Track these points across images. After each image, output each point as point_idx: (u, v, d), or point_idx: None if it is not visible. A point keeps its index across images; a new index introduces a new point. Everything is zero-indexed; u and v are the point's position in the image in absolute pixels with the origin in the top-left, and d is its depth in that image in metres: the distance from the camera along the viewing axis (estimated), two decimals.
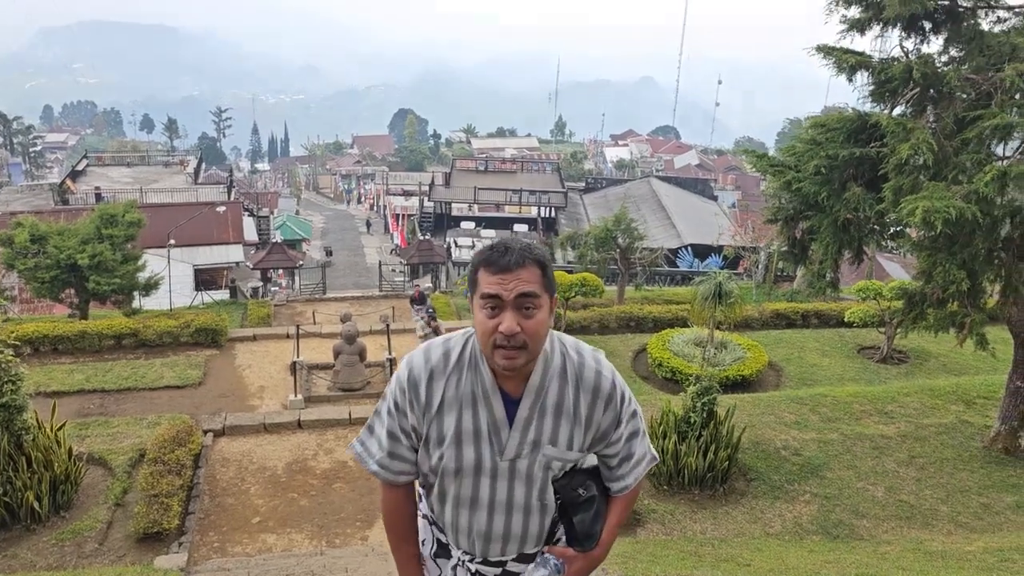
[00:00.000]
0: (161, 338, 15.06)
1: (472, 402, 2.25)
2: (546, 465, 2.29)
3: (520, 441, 2.26)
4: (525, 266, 2.11)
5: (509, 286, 2.08)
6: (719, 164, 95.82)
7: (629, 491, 2.47)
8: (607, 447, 2.38)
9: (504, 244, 2.17)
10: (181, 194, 39.40)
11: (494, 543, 2.37)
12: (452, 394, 2.26)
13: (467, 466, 2.28)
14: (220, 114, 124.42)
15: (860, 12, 9.06)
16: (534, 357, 2.19)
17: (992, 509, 9.11)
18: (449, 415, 2.26)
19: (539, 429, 2.27)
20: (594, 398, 2.30)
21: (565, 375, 2.28)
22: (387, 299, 25.75)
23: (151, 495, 8.24)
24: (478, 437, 2.27)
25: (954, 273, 8.45)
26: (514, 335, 2.09)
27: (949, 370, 15.16)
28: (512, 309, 2.10)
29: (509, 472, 2.29)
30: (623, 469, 2.43)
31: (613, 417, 2.34)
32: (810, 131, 10.19)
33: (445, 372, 2.27)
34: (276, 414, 11.46)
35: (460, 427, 2.26)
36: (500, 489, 2.30)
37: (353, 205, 77.04)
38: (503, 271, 2.10)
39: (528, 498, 2.32)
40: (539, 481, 2.31)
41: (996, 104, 8.14)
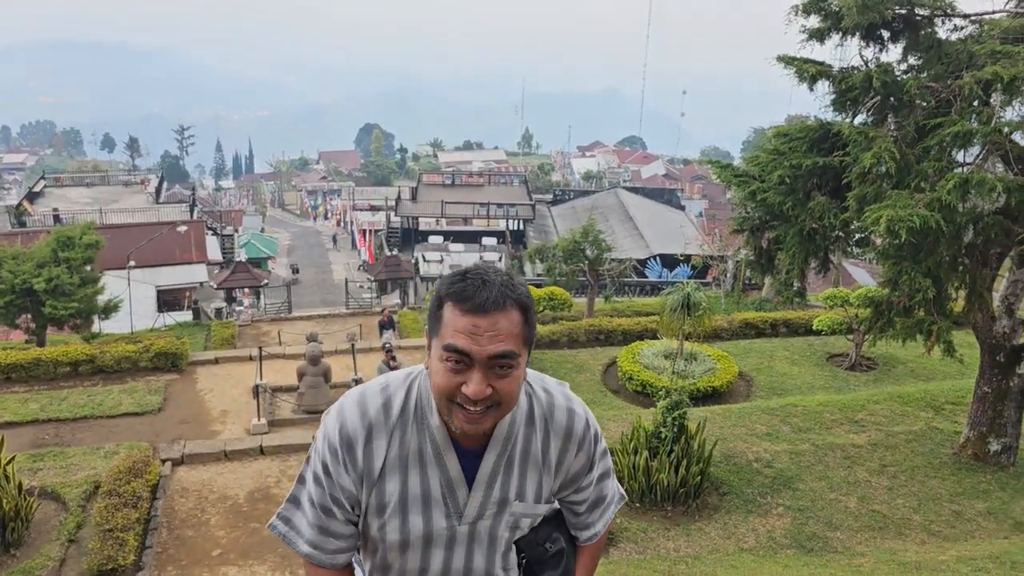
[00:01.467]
0: (119, 363, 14.67)
1: (420, 461, 1.89)
2: (513, 525, 1.98)
3: (483, 501, 1.93)
4: (504, 309, 1.73)
5: (483, 342, 1.70)
6: (686, 173, 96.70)
7: (598, 538, 2.19)
8: (575, 493, 2.09)
9: (481, 275, 1.76)
10: (142, 214, 38.75)
11: None
12: (395, 454, 1.88)
13: (414, 537, 1.92)
14: (183, 132, 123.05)
15: (819, 22, 9.05)
16: (500, 419, 1.85)
17: (964, 516, 9.08)
18: (392, 480, 1.89)
19: (506, 485, 1.94)
20: (566, 442, 1.98)
21: (533, 419, 1.95)
22: (354, 316, 25.48)
23: (106, 530, 7.93)
24: (427, 502, 1.90)
25: (919, 281, 8.42)
26: (483, 398, 1.73)
27: (917, 376, 15.23)
28: (482, 369, 1.72)
29: (468, 537, 1.95)
30: (593, 515, 2.15)
31: (585, 461, 2.04)
32: (774, 141, 10.16)
33: (387, 428, 1.88)
34: (237, 440, 11.16)
35: (406, 492, 1.89)
36: (456, 558, 1.97)
37: (319, 221, 76.55)
38: (478, 312, 1.71)
39: (490, 565, 2.00)
40: (502, 544, 2.00)
41: (956, 112, 8.15)
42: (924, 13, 8.63)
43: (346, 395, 1.97)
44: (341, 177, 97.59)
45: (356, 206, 63.69)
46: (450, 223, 49.39)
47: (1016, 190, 7.93)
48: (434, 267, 39.68)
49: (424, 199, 50.70)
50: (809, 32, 9.11)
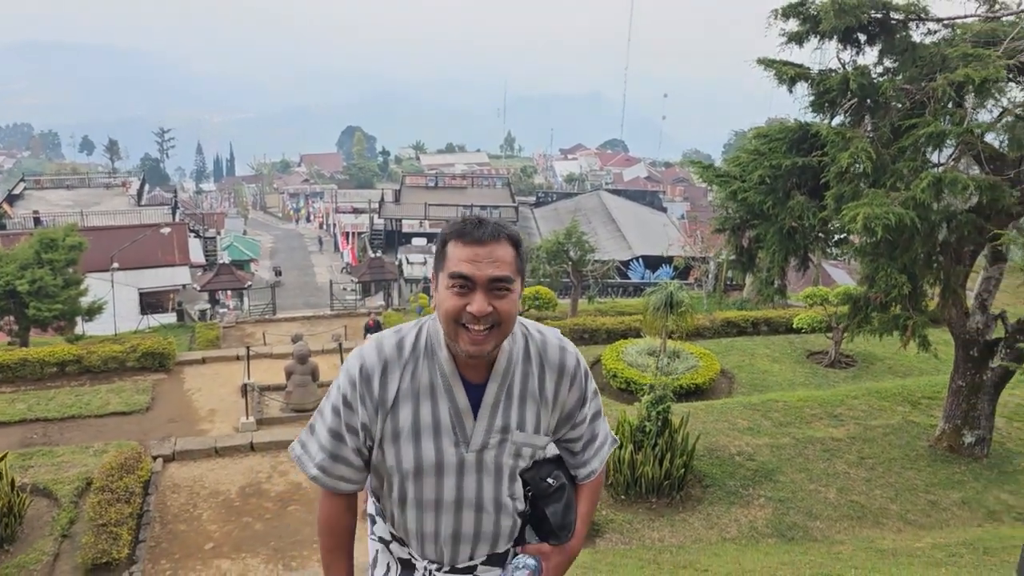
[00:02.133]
0: (106, 364, 14.70)
1: (431, 392, 2.10)
2: (515, 453, 2.17)
3: (488, 428, 2.12)
4: (499, 241, 2.00)
5: (482, 266, 1.95)
6: (667, 176, 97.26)
7: (596, 477, 2.38)
8: (572, 429, 2.28)
9: (477, 218, 2.04)
10: (124, 216, 38.59)
11: (464, 546, 2.20)
12: (407, 386, 2.09)
13: (427, 464, 2.11)
14: (163, 134, 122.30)
15: (798, 25, 9.29)
16: (502, 340, 2.06)
17: (939, 506, 9.34)
18: (404, 408, 2.10)
19: (507, 414, 2.14)
20: (560, 376, 2.20)
21: (529, 356, 2.17)
22: (339, 318, 25.54)
23: (99, 524, 8.02)
24: (438, 430, 2.10)
25: (895, 277, 8.67)
26: (486, 315, 1.96)
27: (895, 372, 15.54)
28: (483, 291, 1.96)
29: (476, 465, 2.13)
30: (588, 453, 2.34)
31: (579, 396, 2.25)
32: (754, 141, 10.40)
33: (400, 362, 2.10)
34: (228, 437, 11.26)
35: (418, 420, 2.10)
36: (467, 486, 2.14)
37: (302, 224, 76.28)
38: (476, 243, 1.97)
39: (498, 492, 2.17)
40: (507, 471, 2.18)
41: (929, 113, 8.41)
42: (899, 17, 8.90)
43: (364, 344, 2.19)
44: (323, 180, 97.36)
45: (339, 208, 63.59)
46: (433, 225, 49.46)
47: (988, 189, 8.20)
48: (417, 269, 39.73)
49: (407, 201, 50.78)
50: (788, 35, 9.35)
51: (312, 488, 9.80)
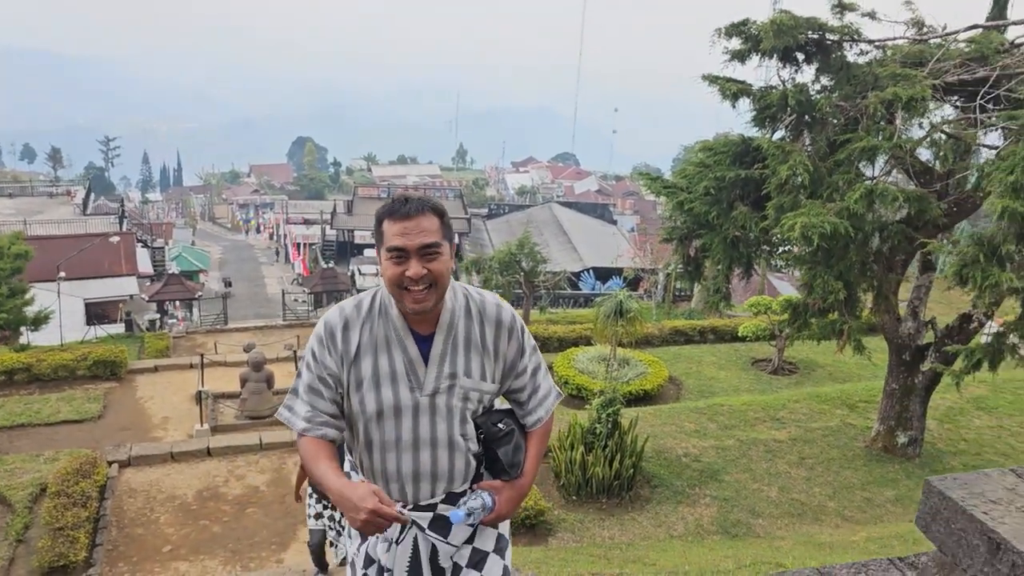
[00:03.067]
0: (56, 372, 14.50)
1: (386, 345, 2.39)
2: (464, 396, 2.44)
3: (437, 375, 2.40)
4: (424, 214, 2.28)
5: (412, 237, 2.26)
6: (618, 189, 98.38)
7: (542, 424, 2.63)
8: (516, 379, 2.56)
9: (403, 196, 2.35)
10: (69, 225, 37.82)
11: (423, 483, 2.45)
12: (367, 339, 2.39)
13: (387, 407, 2.39)
14: (108, 143, 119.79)
15: (740, 44, 9.73)
16: (441, 297, 2.36)
17: (874, 503, 9.80)
18: (366, 360, 2.38)
19: (453, 362, 2.42)
20: (498, 330, 2.48)
21: (470, 312, 2.46)
22: (291, 328, 25.40)
23: (56, 528, 8.02)
24: (394, 377, 2.38)
25: (832, 284, 9.14)
26: (421, 277, 2.26)
27: (834, 378, 16.13)
28: (417, 257, 2.26)
29: (430, 408, 2.41)
30: (533, 402, 2.60)
31: (517, 347, 2.53)
32: (700, 154, 10.82)
33: (359, 320, 2.41)
34: (184, 442, 11.26)
35: (377, 370, 2.38)
36: (423, 426, 2.41)
37: (252, 235, 75.42)
38: (404, 218, 2.26)
39: (451, 432, 2.43)
40: (458, 413, 2.44)
41: (863, 128, 8.91)
42: (834, 38, 9.39)
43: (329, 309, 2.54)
44: (273, 191, 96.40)
45: (289, 219, 63.08)
46: None
47: (916, 200, 8.71)
48: (370, 280, 39.68)
49: (360, 212, 50.60)
50: (732, 53, 9.78)
51: (269, 491, 9.89)
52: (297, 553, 8.51)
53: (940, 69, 8.83)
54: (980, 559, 2.30)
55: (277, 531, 8.90)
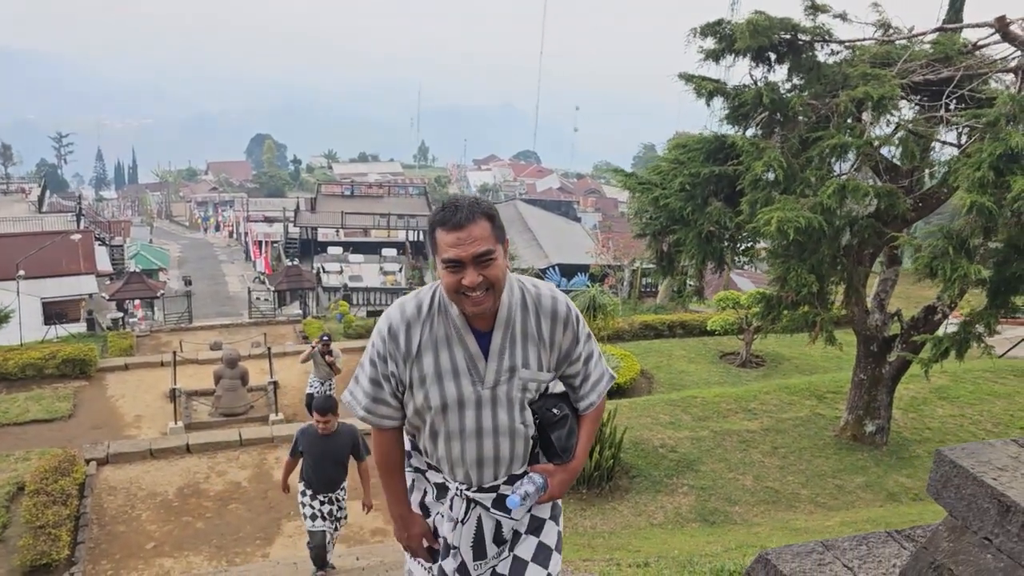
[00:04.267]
0: (24, 371, 14.27)
1: (447, 342, 2.50)
2: (523, 387, 2.55)
3: (498, 368, 2.51)
4: (476, 221, 2.33)
5: (465, 247, 2.31)
6: (579, 187, 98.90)
7: (595, 408, 2.75)
8: (570, 366, 2.65)
9: (454, 203, 2.38)
10: (24, 223, 37.01)
11: (486, 468, 2.60)
12: (427, 338, 2.50)
13: (451, 400, 2.51)
14: (60, 139, 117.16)
15: (715, 43, 9.95)
16: (499, 298, 2.45)
17: (845, 489, 10.11)
18: (427, 357, 2.50)
19: (512, 356, 2.52)
20: (553, 322, 2.56)
21: (526, 305, 2.54)
22: (257, 326, 25.22)
23: (37, 527, 7.94)
24: (456, 373, 2.50)
25: (805, 277, 9.40)
26: (477, 284, 2.34)
27: (801, 371, 16.51)
28: (471, 266, 2.33)
29: (491, 399, 2.53)
30: (586, 388, 2.70)
31: (572, 336, 2.61)
32: (673, 151, 11.04)
33: (419, 320, 2.51)
34: (163, 439, 11.18)
35: (439, 366, 2.50)
36: (485, 416, 2.54)
37: (211, 233, 74.42)
38: (456, 228, 2.32)
39: (511, 421, 2.56)
40: (518, 403, 2.56)
41: (833, 126, 9.19)
42: (805, 38, 9.65)
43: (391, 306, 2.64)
44: (232, 188, 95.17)
45: (250, 217, 62.40)
46: (349, 234, 49.11)
47: (885, 195, 9.02)
48: (334, 278, 39.44)
49: (323, 210, 50.21)
50: (706, 52, 10.00)
51: (251, 487, 9.88)
52: (282, 547, 8.54)
53: (907, 69, 9.14)
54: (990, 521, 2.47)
55: (261, 526, 8.92)
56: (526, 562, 2.74)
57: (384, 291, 36.16)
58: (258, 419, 13.03)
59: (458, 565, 2.68)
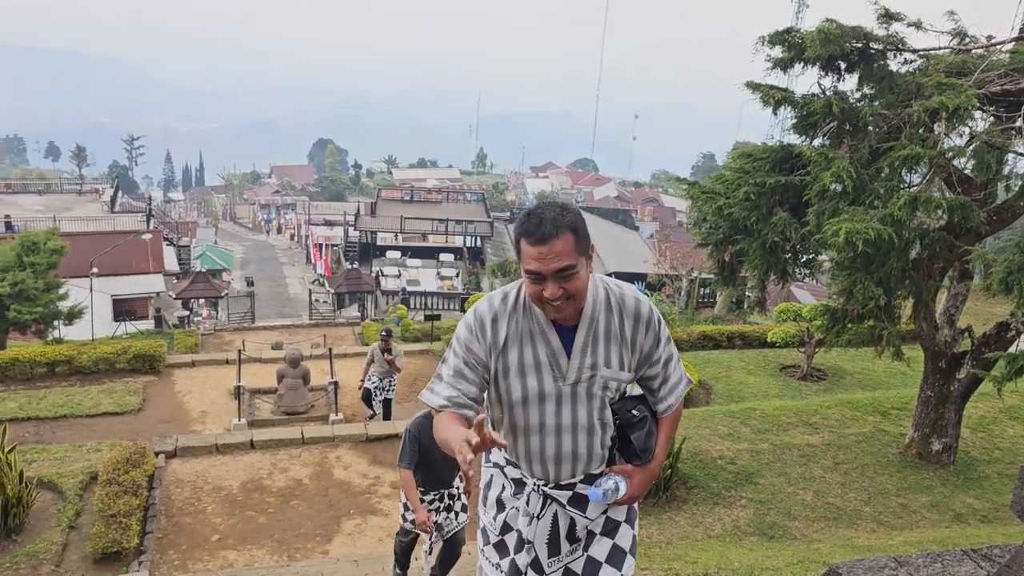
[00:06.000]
0: (97, 365, 14.80)
1: (531, 337, 2.55)
2: (603, 385, 2.59)
3: (580, 365, 2.56)
4: (559, 235, 2.35)
5: (546, 262, 2.35)
6: (637, 196, 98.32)
7: (673, 411, 2.79)
8: (650, 368, 2.69)
9: (538, 214, 2.40)
10: (97, 223, 38.35)
11: (564, 465, 2.64)
12: (513, 331, 2.56)
13: (532, 394, 2.56)
14: (132, 142, 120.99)
15: (783, 52, 9.84)
16: (579, 306, 2.50)
17: (909, 508, 9.86)
18: (512, 350, 2.56)
19: (595, 354, 2.56)
20: (636, 323, 2.61)
21: (610, 306, 2.59)
22: (317, 327, 25.68)
23: (109, 515, 8.22)
24: (539, 367, 2.55)
25: (872, 290, 9.21)
26: (557, 297, 2.40)
27: (864, 386, 16.16)
28: (552, 279, 2.38)
29: (571, 396, 2.58)
30: (664, 390, 2.74)
31: (653, 338, 2.64)
32: (738, 160, 10.93)
33: (506, 313, 2.57)
34: (228, 435, 11.47)
35: (522, 360, 2.55)
36: (565, 412, 2.58)
37: (273, 235, 76.03)
38: (541, 242, 2.35)
39: (590, 418, 2.61)
40: (598, 401, 2.60)
41: (905, 137, 8.99)
42: (878, 47, 9.48)
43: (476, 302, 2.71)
44: (294, 191, 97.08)
45: (311, 220, 63.60)
46: (407, 239, 49.72)
47: (958, 208, 8.79)
48: (392, 282, 39.99)
49: (383, 214, 50.93)
50: (774, 61, 9.89)
51: (312, 485, 10.07)
52: (341, 545, 8.67)
53: (984, 79, 8.91)
54: None
55: (321, 523, 9.08)
56: (600, 563, 2.77)
57: (441, 296, 36.50)
58: (318, 418, 13.27)
59: (531, 560, 2.72)
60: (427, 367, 16.89)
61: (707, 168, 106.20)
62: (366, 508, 9.53)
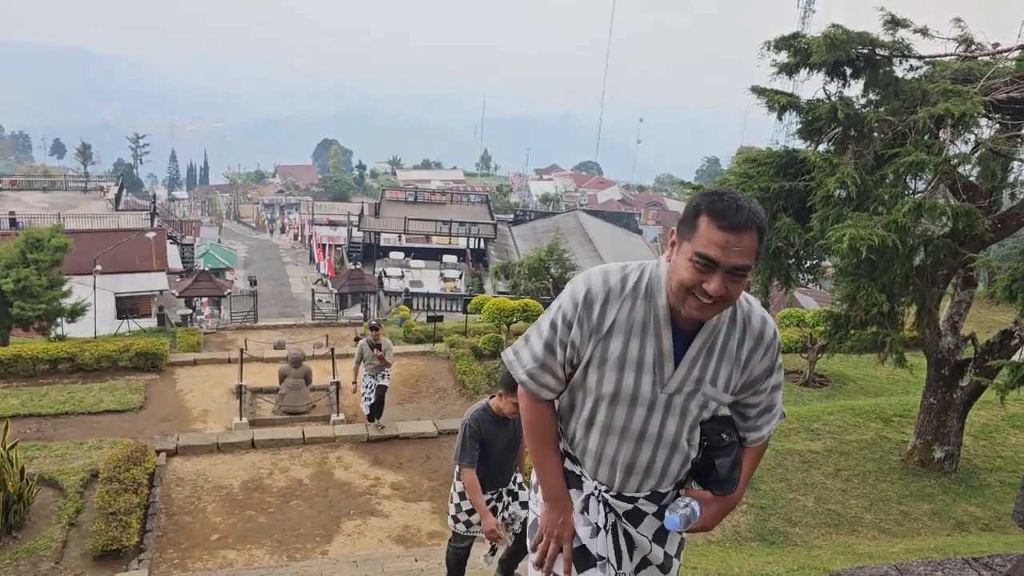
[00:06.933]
0: (99, 362, 14.82)
1: (642, 330, 2.25)
2: (703, 404, 2.33)
3: (685, 376, 2.29)
4: (751, 230, 2.07)
5: (730, 254, 2.04)
6: (641, 199, 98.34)
7: (761, 443, 2.53)
8: (754, 395, 2.42)
9: (735, 200, 2.10)
10: (102, 220, 38.44)
11: (634, 476, 2.39)
12: (623, 318, 2.26)
13: (625, 393, 2.29)
14: (137, 140, 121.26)
15: (789, 57, 9.83)
16: (724, 311, 2.23)
17: (911, 516, 9.83)
18: (616, 339, 2.26)
19: (704, 367, 2.29)
20: (757, 343, 2.33)
21: (735, 319, 2.30)
22: (319, 327, 25.70)
23: (109, 513, 8.24)
24: (641, 366, 2.27)
25: (876, 296, 9.19)
26: (719, 296, 2.09)
27: (866, 392, 16.13)
28: (724, 274, 2.06)
29: (665, 405, 2.31)
30: (761, 420, 2.49)
31: (768, 364, 2.38)
32: (742, 165, 10.90)
33: (620, 296, 2.26)
34: (229, 434, 11.49)
35: (625, 353, 2.26)
36: (653, 421, 2.32)
37: (276, 235, 76.10)
38: (732, 230, 2.04)
39: (678, 434, 2.34)
40: (692, 418, 2.34)
41: (910, 143, 8.97)
42: (884, 53, 9.46)
43: (591, 268, 2.39)
44: (298, 191, 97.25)
45: (314, 220, 63.68)
46: (411, 239, 49.74)
47: (962, 215, 8.76)
48: (395, 283, 40.00)
49: (387, 215, 50.96)
50: (780, 66, 9.88)
51: (312, 485, 10.09)
52: (341, 546, 8.68)
53: (990, 86, 8.90)
54: None
55: (321, 524, 9.09)
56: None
57: (444, 297, 36.49)
58: (320, 418, 13.28)
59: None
60: (429, 368, 16.88)
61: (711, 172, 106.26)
62: (366, 509, 9.52)
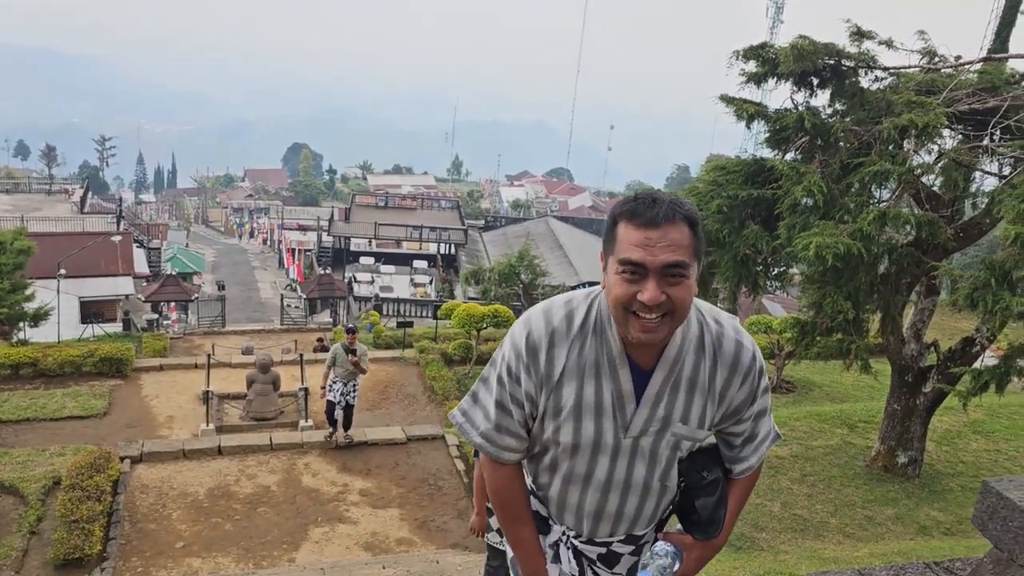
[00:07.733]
0: (62, 367, 14.57)
1: (595, 371, 1.98)
2: (674, 445, 2.06)
3: (648, 418, 2.02)
4: (675, 223, 1.82)
5: (655, 252, 1.80)
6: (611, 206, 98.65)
7: (751, 472, 2.25)
8: (735, 425, 2.13)
9: (650, 196, 1.88)
10: (67, 223, 37.80)
11: (603, 523, 2.16)
12: (574, 362, 1.98)
13: (585, 442, 2.04)
14: (103, 142, 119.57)
15: (757, 67, 9.94)
16: (676, 328, 1.92)
17: (875, 520, 9.96)
18: (568, 386, 2.00)
19: (670, 405, 2.02)
20: (732, 373, 2.03)
21: (702, 346, 2.01)
22: (288, 332, 25.51)
23: (71, 521, 8.09)
24: (600, 411, 2.01)
25: (841, 303, 9.31)
26: (657, 304, 1.81)
27: (832, 398, 16.33)
28: (656, 278, 1.80)
29: (631, 450, 2.05)
30: (747, 450, 2.19)
31: (748, 394, 2.08)
32: (711, 173, 11.00)
33: (568, 337, 1.99)
34: (195, 440, 11.35)
35: (581, 399, 2.00)
36: (619, 468, 2.07)
37: (245, 239, 75.42)
38: (651, 225, 1.81)
39: (649, 479, 2.09)
40: (663, 461, 2.08)
41: (875, 153, 9.12)
42: (850, 64, 9.61)
43: (532, 307, 2.10)
44: (268, 196, 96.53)
45: (284, 225, 63.22)
46: (381, 245, 49.58)
47: (926, 224, 8.92)
48: (365, 288, 39.81)
49: (357, 220, 50.74)
50: (748, 75, 9.99)
51: (280, 491, 9.98)
52: (309, 553, 8.60)
53: (953, 98, 9.07)
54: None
55: (288, 531, 9.00)
56: None
57: (414, 303, 36.38)
58: (288, 424, 13.15)
59: None
60: (399, 374, 16.81)
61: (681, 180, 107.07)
62: (334, 516, 9.45)
